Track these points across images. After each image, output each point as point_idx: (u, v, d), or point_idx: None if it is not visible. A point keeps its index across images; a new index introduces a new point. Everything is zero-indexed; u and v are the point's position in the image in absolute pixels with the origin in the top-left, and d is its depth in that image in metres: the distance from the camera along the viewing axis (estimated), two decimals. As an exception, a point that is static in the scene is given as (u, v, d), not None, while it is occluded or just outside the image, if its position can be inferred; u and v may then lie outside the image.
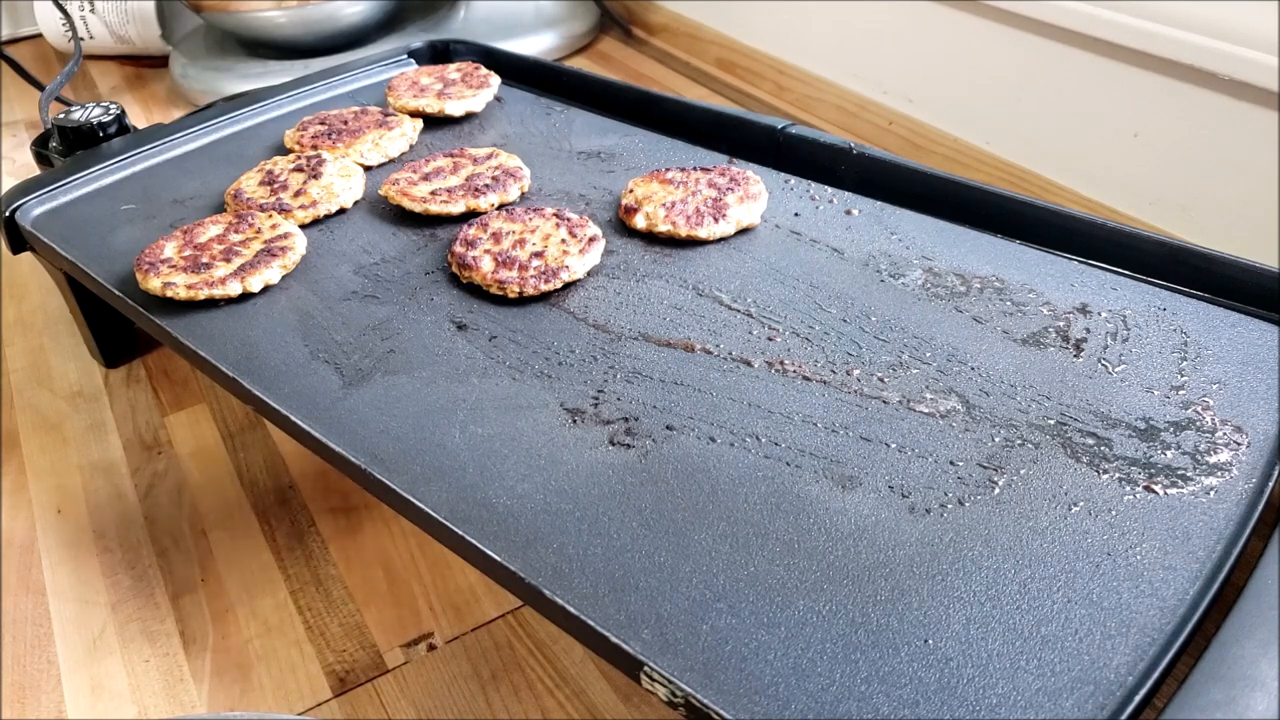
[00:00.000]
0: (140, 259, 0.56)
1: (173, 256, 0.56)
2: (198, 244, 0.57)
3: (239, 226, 0.59)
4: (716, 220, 0.57)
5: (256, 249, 0.57)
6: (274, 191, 0.63)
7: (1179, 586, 0.35)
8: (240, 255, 0.56)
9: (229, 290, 0.54)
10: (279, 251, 0.56)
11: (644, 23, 1.27)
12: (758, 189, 0.60)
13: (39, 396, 0.71)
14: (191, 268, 0.55)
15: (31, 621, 0.54)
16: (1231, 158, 0.68)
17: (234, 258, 0.56)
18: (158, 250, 0.57)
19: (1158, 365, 0.46)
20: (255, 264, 0.55)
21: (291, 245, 0.57)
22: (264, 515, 0.59)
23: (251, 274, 0.55)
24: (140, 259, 0.56)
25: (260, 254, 0.56)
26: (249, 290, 0.54)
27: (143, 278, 0.55)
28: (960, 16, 0.85)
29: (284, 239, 0.58)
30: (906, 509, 0.39)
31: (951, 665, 0.33)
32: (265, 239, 0.58)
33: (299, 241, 0.58)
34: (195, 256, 0.56)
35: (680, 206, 0.58)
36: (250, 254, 0.56)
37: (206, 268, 0.55)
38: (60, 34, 1.25)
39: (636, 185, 0.61)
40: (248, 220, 0.59)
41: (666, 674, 0.33)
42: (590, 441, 0.44)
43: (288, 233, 0.58)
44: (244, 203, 0.62)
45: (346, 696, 0.49)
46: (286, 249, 0.57)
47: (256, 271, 0.55)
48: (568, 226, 0.56)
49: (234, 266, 0.55)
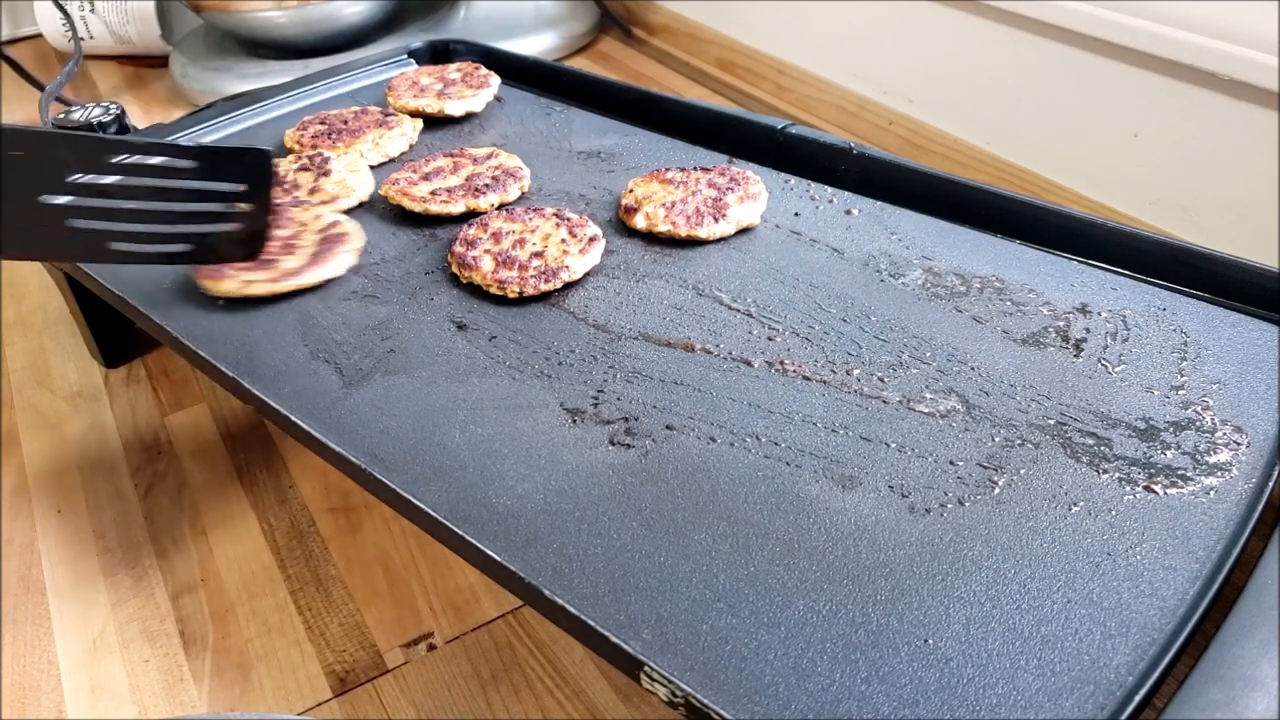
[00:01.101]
0: (199, 268, 0.55)
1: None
2: None
3: (278, 222, 0.57)
4: (716, 220, 0.57)
5: (314, 239, 0.56)
6: (287, 191, 0.62)
7: (1179, 586, 0.35)
8: (300, 247, 0.56)
9: (305, 280, 0.54)
10: (340, 237, 0.56)
11: (644, 23, 1.27)
12: (758, 189, 0.60)
13: (39, 396, 0.71)
14: (259, 265, 0.54)
15: (31, 621, 0.54)
16: (1231, 158, 0.68)
17: (296, 250, 0.55)
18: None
19: (1158, 365, 0.46)
20: (324, 252, 0.55)
21: (347, 230, 0.57)
22: (264, 515, 0.59)
23: (327, 260, 0.55)
24: (199, 268, 0.55)
25: (324, 242, 0.56)
26: (329, 277, 0.55)
27: (213, 283, 0.54)
28: (960, 16, 0.85)
29: (335, 226, 0.58)
30: (906, 509, 0.39)
31: (951, 665, 0.33)
32: (317, 229, 0.57)
33: (351, 225, 0.58)
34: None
35: (680, 206, 0.58)
36: (311, 244, 0.56)
37: (272, 263, 0.54)
38: (60, 34, 1.25)
39: (636, 185, 0.61)
40: (285, 215, 0.58)
41: (666, 674, 0.33)
42: (590, 441, 0.44)
43: (336, 220, 0.58)
44: None
45: (346, 696, 0.49)
46: (345, 234, 0.57)
47: (331, 258, 0.55)
48: (568, 226, 0.56)
49: (302, 258, 0.55)
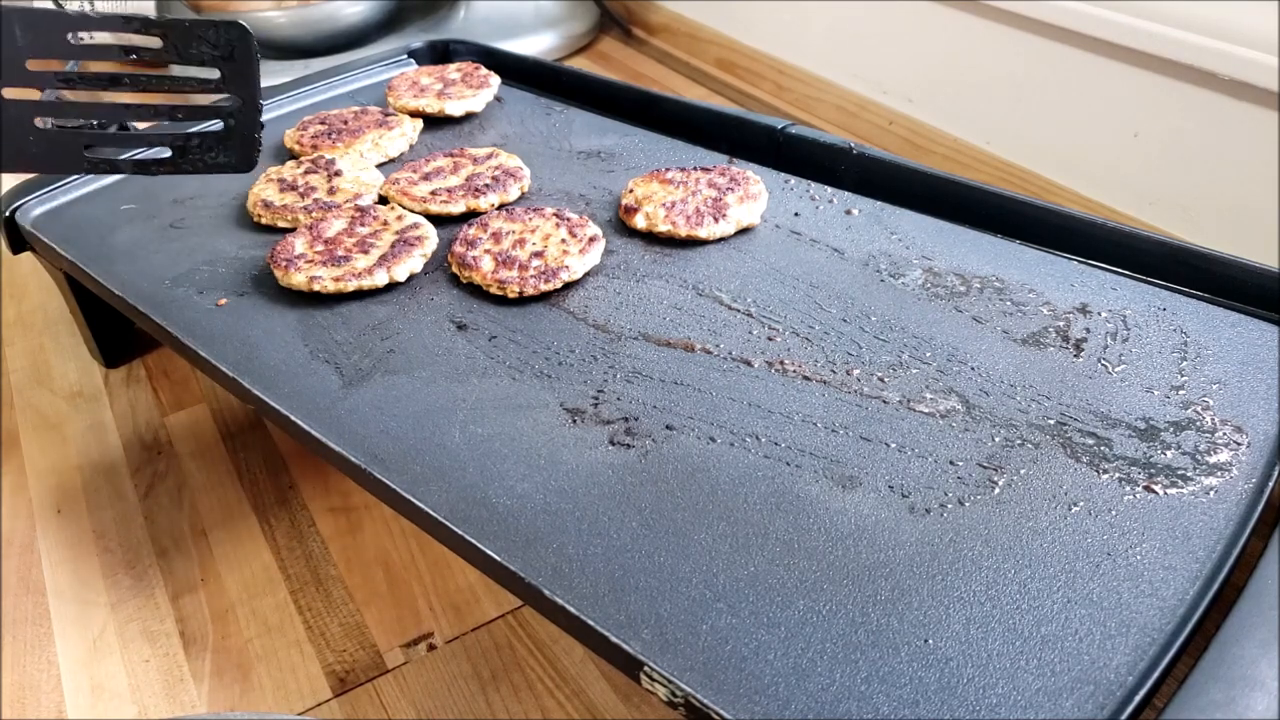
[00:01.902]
0: (275, 255, 0.55)
1: (305, 252, 0.56)
2: (327, 239, 0.57)
3: (363, 219, 0.58)
4: (716, 220, 0.57)
5: (390, 240, 0.56)
6: (303, 195, 0.62)
7: (1179, 586, 0.35)
8: (375, 246, 0.56)
9: (376, 280, 0.54)
10: (416, 240, 0.56)
11: (644, 23, 1.27)
12: (758, 189, 0.60)
13: (39, 396, 0.71)
14: (330, 261, 0.55)
15: (31, 621, 0.54)
16: (1231, 158, 0.68)
17: (370, 249, 0.56)
18: (289, 247, 0.56)
19: (1158, 365, 0.46)
20: (396, 253, 0.55)
21: (425, 234, 0.57)
22: (264, 515, 0.59)
23: (396, 263, 0.54)
24: (275, 255, 0.55)
25: (398, 244, 0.56)
26: (395, 280, 0.54)
27: (283, 274, 0.54)
28: (960, 16, 0.85)
29: (414, 229, 0.57)
30: (906, 509, 0.39)
31: (951, 665, 0.33)
32: (395, 230, 0.57)
33: (429, 229, 0.58)
34: (330, 250, 0.56)
35: (680, 206, 0.58)
36: (385, 244, 0.56)
37: (345, 260, 0.55)
38: (60, 34, 1.25)
39: (636, 185, 0.61)
40: (370, 213, 0.59)
41: (666, 674, 0.33)
42: (590, 441, 0.44)
43: (416, 223, 0.58)
44: (280, 210, 0.61)
45: (346, 696, 0.49)
46: (422, 238, 0.56)
47: (400, 260, 0.54)
48: (568, 226, 0.56)
49: (374, 257, 0.55)
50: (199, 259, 0.59)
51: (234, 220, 0.63)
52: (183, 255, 0.59)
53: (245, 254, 0.59)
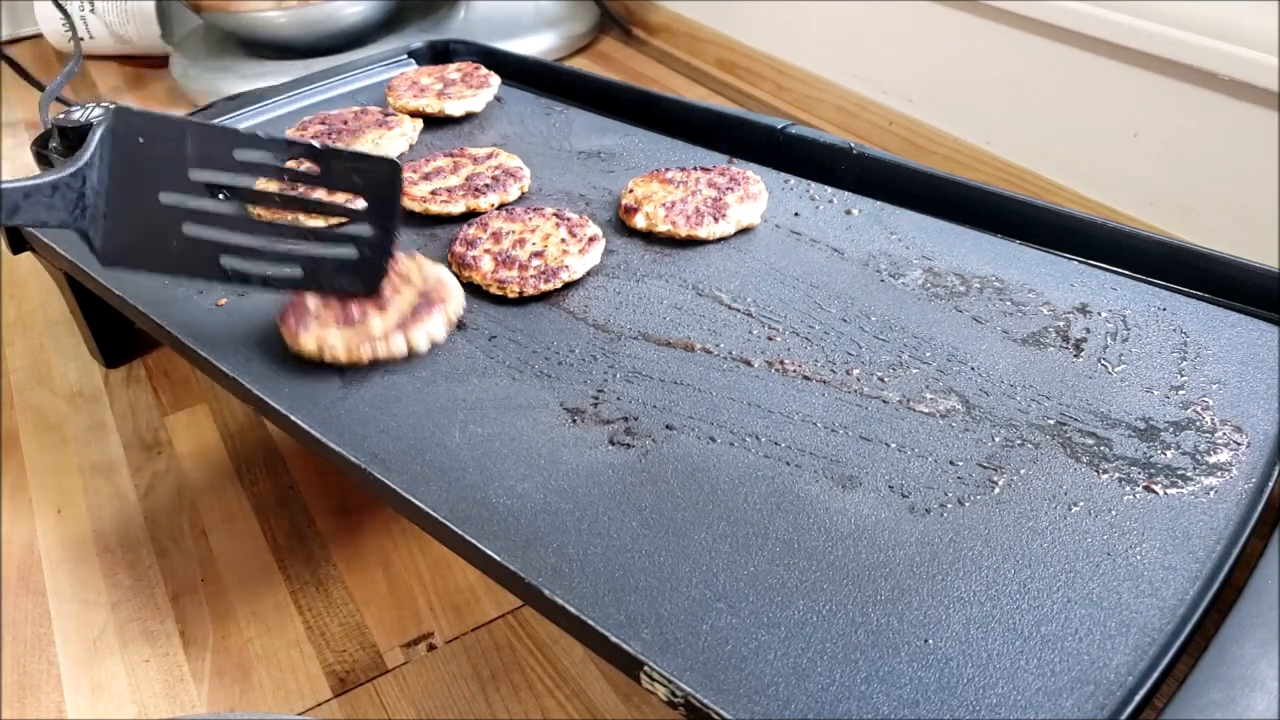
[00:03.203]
0: (285, 316, 0.49)
1: (317, 308, 0.50)
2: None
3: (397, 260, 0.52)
4: (716, 220, 0.57)
5: (411, 297, 0.50)
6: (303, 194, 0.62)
7: (1179, 586, 0.35)
8: (394, 305, 0.49)
9: (394, 349, 0.48)
10: (439, 299, 0.49)
11: (644, 23, 1.27)
12: (758, 189, 0.60)
13: (39, 396, 0.71)
14: (343, 320, 0.48)
15: (31, 621, 0.54)
16: (1231, 158, 0.68)
17: (388, 307, 0.49)
18: (302, 303, 0.50)
19: (1157, 365, 0.46)
20: (417, 315, 0.48)
21: (450, 292, 0.50)
22: (264, 515, 0.59)
23: (414, 326, 0.48)
24: (285, 316, 0.49)
25: (419, 304, 0.49)
26: (415, 349, 0.48)
27: (292, 338, 0.48)
28: (960, 16, 0.85)
29: (440, 286, 0.51)
30: (906, 509, 0.39)
31: (951, 665, 0.33)
32: (417, 286, 0.50)
33: (455, 287, 0.51)
34: (344, 307, 0.49)
35: (680, 206, 0.58)
36: (406, 302, 0.49)
37: (361, 320, 0.48)
38: (60, 34, 1.25)
39: (636, 185, 0.61)
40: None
41: (666, 674, 0.33)
42: (590, 441, 0.44)
43: (439, 278, 0.51)
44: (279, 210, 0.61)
45: (346, 696, 0.49)
46: (446, 296, 0.50)
47: (419, 323, 0.48)
48: (568, 226, 0.56)
49: (393, 319, 0.48)
50: (199, 259, 0.59)
51: (234, 220, 0.63)
52: (183, 255, 0.59)
53: (245, 254, 0.59)
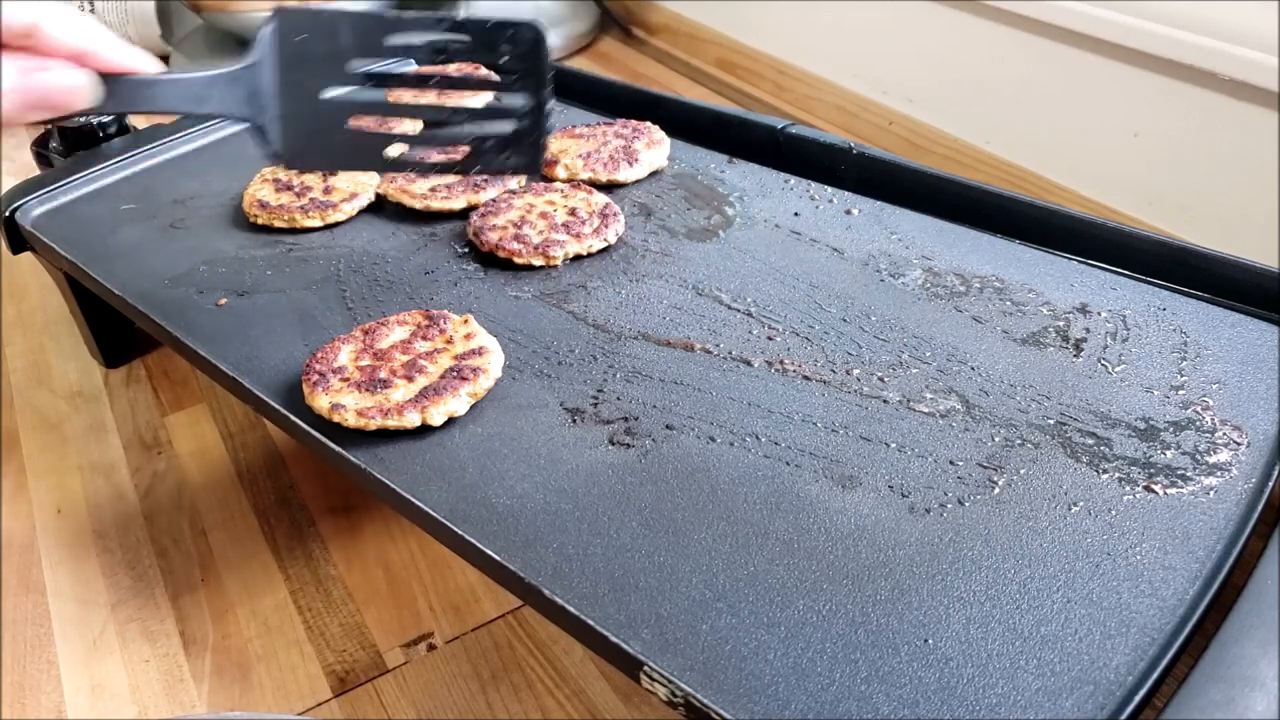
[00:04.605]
0: (310, 366, 0.48)
1: (347, 365, 0.48)
2: (378, 350, 0.49)
3: (428, 332, 0.50)
4: (631, 165, 0.63)
5: (444, 365, 0.47)
6: (299, 194, 0.62)
7: (1179, 586, 0.35)
8: (424, 373, 0.47)
9: (405, 422, 0.45)
10: (470, 374, 0.47)
11: (644, 23, 1.27)
12: (660, 135, 0.66)
13: (39, 396, 0.71)
14: (367, 384, 0.46)
15: (31, 621, 0.54)
16: (1231, 158, 0.68)
17: (417, 375, 0.47)
18: (332, 355, 0.48)
19: (1157, 365, 0.46)
20: (440, 389, 0.46)
21: (485, 366, 0.47)
22: (264, 515, 0.59)
23: (434, 402, 0.45)
24: (310, 366, 0.48)
25: (448, 374, 0.47)
26: (429, 423, 0.45)
27: (309, 392, 0.46)
28: (960, 16, 0.85)
29: (478, 355, 0.48)
30: (906, 509, 0.39)
31: (951, 665, 0.33)
32: (456, 353, 0.48)
33: (495, 360, 0.48)
34: (373, 369, 0.47)
35: (596, 155, 0.64)
36: (436, 371, 0.47)
37: (384, 386, 0.46)
38: (60, 34, 1.25)
39: (550, 142, 0.67)
40: (438, 325, 0.50)
41: (666, 674, 0.33)
42: (590, 441, 0.44)
43: (483, 347, 0.48)
44: (276, 211, 0.61)
45: (346, 696, 0.49)
46: (479, 370, 0.47)
47: (441, 400, 0.45)
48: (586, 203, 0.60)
49: (415, 389, 0.46)
50: (199, 259, 0.59)
51: (233, 220, 0.63)
52: (182, 255, 0.59)
53: (245, 254, 0.59)
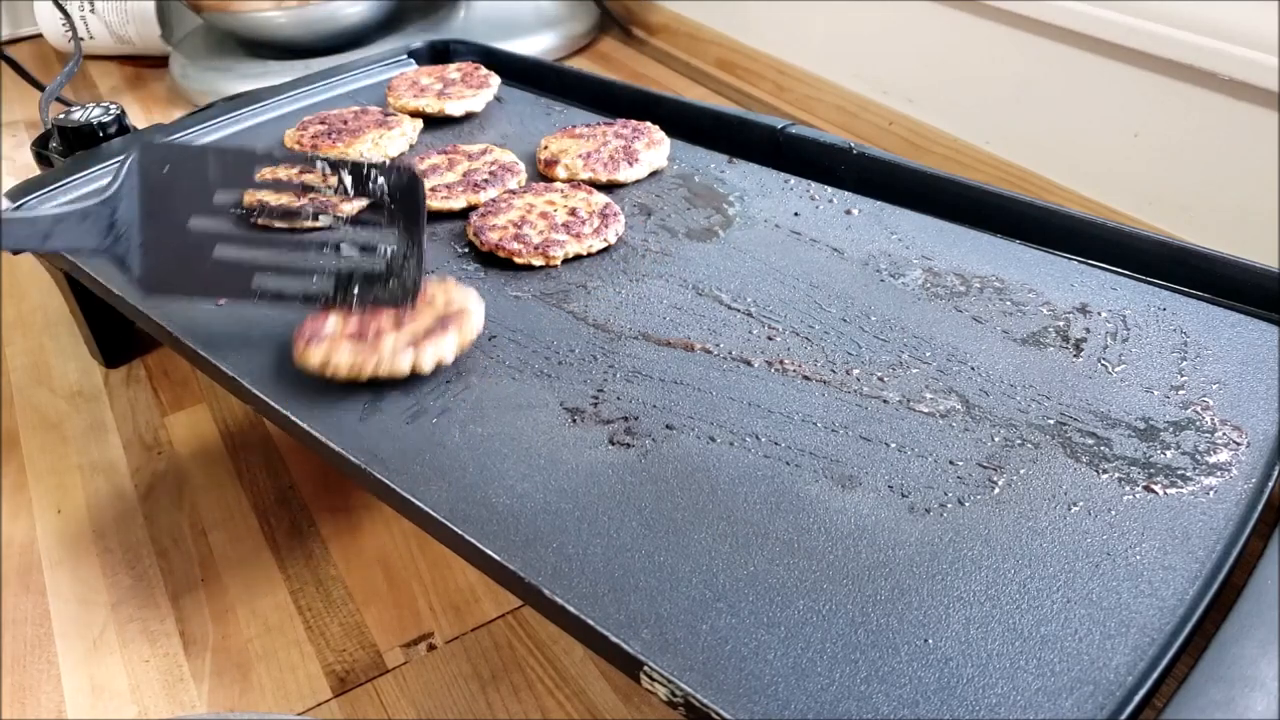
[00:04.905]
0: (301, 329, 0.49)
1: (335, 329, 0.48)
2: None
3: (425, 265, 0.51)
4: (631, 165, 0.63)
5: (430, 319, 0.49)
6: (299, 196, 0.62)
7: (1178, 586, 0.35)
8: (412, 323, 0.48)
9: (397, 367, 0.46)
10: (454, 323, 0.48)
11: (644, 23, 1.27)
12: (660, 135, 0.66)
13: (39, 396, 0.71)
14: (357, 337, 0.47)
15: (31, 621, 0.54)
16: (1231, 158, 0.68)
17: (404, 327, 0.48)
18: (321, 319, 0.49)
19: (1157, 365, 0.46)
20: (430, 335, 0.47)
21: (470, 315, 0.49)
22: (264, 515, 0.59)
23: (423, 345, 0.46)
24: (301, 329, 0.49)
25: (435, 326, 0.48)
26: (420, 369, 0.46)
27: (300, 351, 0.47)
28: (960, 16, 0.85)
29: (461, 310, 0.49)
30: (906, 509, 0.39)
31: (951, 665, 0.33)
32: (440, 306, 0.50)
33: (477, 313, 0.49)
34: (362, 327, 0.48)
35: (596, 155, 0.64)
36: (422, 325, 0.48)
37: (374, 338, 0.47)
38: (60, 34, 1.25)
39: (550, 142, 0.67)
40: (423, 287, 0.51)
41: (666, 674, 0.33)
42: (590, 441, 0.44)
43: (466, 305, 0.50)
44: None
45: (346, 696, 0.49)
46: (464, 316, 0.49)
47: (430, 344, 0.47)
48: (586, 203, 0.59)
49: (405, 338, 0.47)
50: (199, 259, 0.59)
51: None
52: (183, 255, 0.59)
53: (245, 254, 0.59)
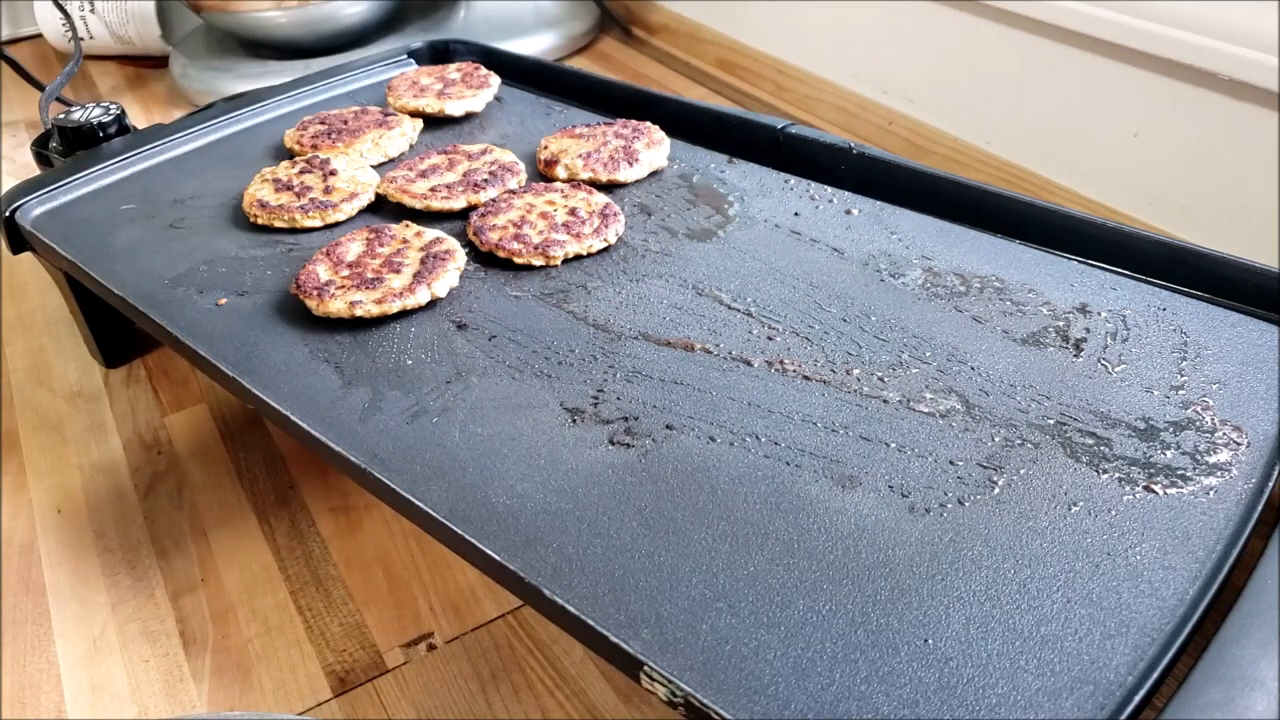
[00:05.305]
0: (302, 285, 0.53)
1: (333, 279, 0.53)
2: (349, 262, 0.55)
3: (380, 239, 0.56)
4: (631, 165, 0.63)
5: (417, 257, 0.55)
6: (299, 194, 0.62)
7: (1179, 586, 0.35)
8: (405, 265, 0.54)
9: (418, 299, 0.52)
10: (445, 255, 0.54)
11: (644, 23, 1.27)
12: (660, 135, 0.66)
13: (39, 396, 0.71)
14: (362, 284, 0.52)
15: (31, 621, 0.54)
16: (1231, 158, 0.68)
17: (401, 268, 0.54)
18: (313, 275, 0.54)
19: (1157, 365, 0.46)
20: (431, 269, 0.53)
21: (451, 247, 0.55)
22: (264, 515, 0.59)
23: (434, 279, 0.53)
24: (302, 285, 0.53)
25: (429, 260, 0.54)
26: (436, 296, 0.53)
27: (317, 303, 0.52)
28: (960, 16, 0.85)
29: (439, 243, 0.56)
30: (906, 509, 0.39)
31: (951, 665, 0.33)
32: (419, 246, 0.56)
33: (454, 242, 0.56)
34: (359, 274, 0.53)
35: (596, 155, 0.63)
36: (415, 262, 0.54)
37: (378, 282, 0.53)
38: (60, 34, 1.25)
39: (550, 142, 0.67)
40: (386, 233, 0.57)
41: (666, 674, 0.33)
42: (590, 441, 0.44)
43: (439, 237, 0.56)
44: (276, 211, 0.61)
45: (346, 696, 0.49)
46: (450, 251, 0.55)
47: (438, 276, 0.53)
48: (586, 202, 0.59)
49: (408, 276, 0.53)
50: (199, 259, 0.59)
51: (233, 220, 0.63)
52: (183, 255, 0.60)
53: (245, 254, 0.59)
